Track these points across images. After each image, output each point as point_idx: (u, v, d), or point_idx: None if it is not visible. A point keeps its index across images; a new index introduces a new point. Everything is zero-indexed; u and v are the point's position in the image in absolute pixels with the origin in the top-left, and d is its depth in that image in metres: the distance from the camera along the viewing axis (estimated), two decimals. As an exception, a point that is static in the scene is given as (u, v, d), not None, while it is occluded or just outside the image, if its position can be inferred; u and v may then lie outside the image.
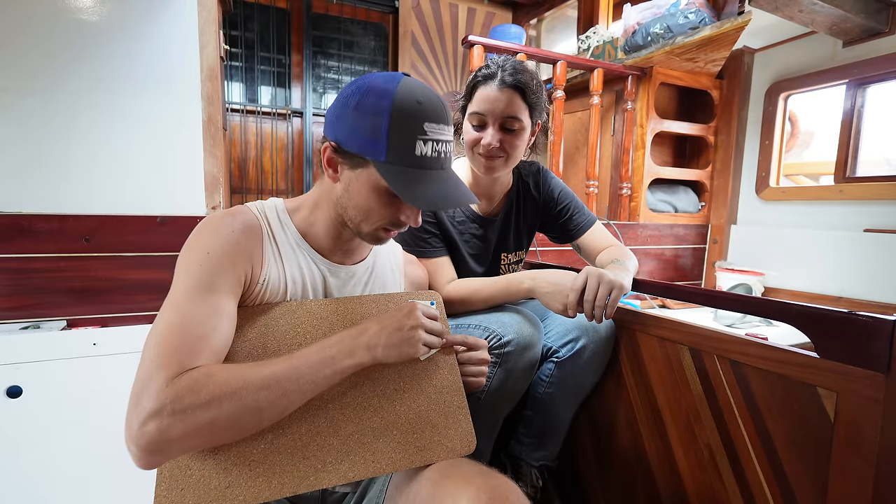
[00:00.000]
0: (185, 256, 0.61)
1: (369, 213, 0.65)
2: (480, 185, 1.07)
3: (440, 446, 0.65)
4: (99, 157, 1.33)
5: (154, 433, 0.48)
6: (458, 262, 1.07)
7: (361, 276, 0.77)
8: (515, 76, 0.93)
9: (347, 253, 0.75)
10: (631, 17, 2.10)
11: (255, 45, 2.90)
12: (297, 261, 0.70)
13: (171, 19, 1.38)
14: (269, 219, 0.69)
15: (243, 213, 0.67)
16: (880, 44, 1.78)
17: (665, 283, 1.02)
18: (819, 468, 0.65)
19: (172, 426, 0.48)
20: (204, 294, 0.57)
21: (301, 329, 0.67)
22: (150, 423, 0.48)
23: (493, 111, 0.94)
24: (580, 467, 1.14)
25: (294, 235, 0.70)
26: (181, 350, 0.52)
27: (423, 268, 0.93)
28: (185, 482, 0.53)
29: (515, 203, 1.13)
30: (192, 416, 0.49)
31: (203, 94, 1.43)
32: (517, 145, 0.97)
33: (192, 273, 0.58)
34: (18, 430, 1.08)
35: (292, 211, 0.72)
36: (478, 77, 0.97)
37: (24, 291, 1.21)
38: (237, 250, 0.62)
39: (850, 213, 1.89)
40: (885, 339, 0.57)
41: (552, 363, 1.00)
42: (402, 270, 0.86)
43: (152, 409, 0.48)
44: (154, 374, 0.50)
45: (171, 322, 0.55)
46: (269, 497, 0.56)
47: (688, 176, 2.34)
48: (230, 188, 2.83)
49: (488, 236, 1.11)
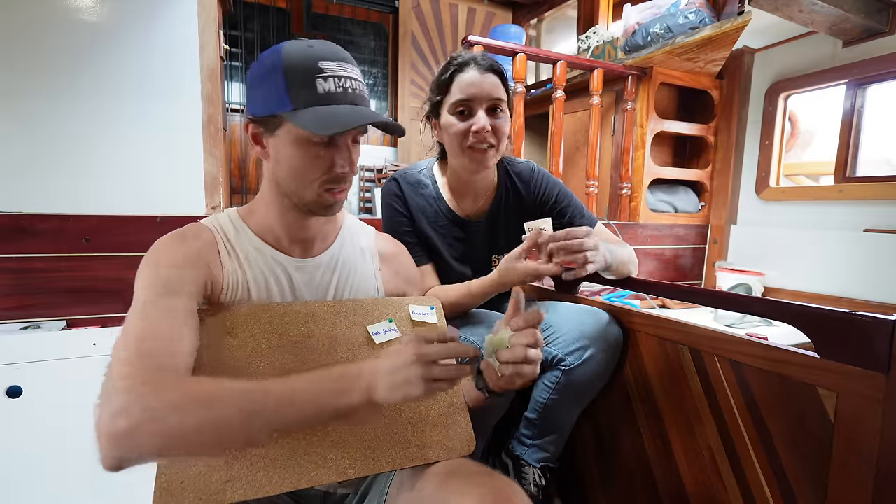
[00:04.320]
0: (142, 274, 0.61)
1: (302, 173, 0.64)
2: (464, 184, 1.04)
3: (440, 446, 0.66)
4: (99, 157, 1.33)
5: (124, 429, 0.46)
6: (442, 266, 1.06)
7: (329, 265, 0.76)
8: (490, 61, 0.93)
9: (308, 243, 0.74)
10: (631, 17, 2.10)
11: (255, 45, 2.90)
12: (259, 264, 0.69)
13: (171, 20, 1.38)
14: (223, 228, 0.69)
15: (195, 228, 0.68)
16: (880, 44, 1.78)
17: (665, 283, 1.02)
18: (819, 468, 0.65)
19: (142, 425, 0.46)
20: (164, 299, 0.57)
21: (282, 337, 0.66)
22: (120, 418, 0.46)
23: (479, 95, 0.91)
24: (580, 467, 1.14)
25: (251, 239, 0.70)
26: (152, 356, 0.51)
27: (399, 245, 0.89)
28: (185, 476, 0.53)
29: (505, 201, 1.09)
30: (163, 418, 0.47)
31: (203, 95, 1.43)
32: (505, 129, 0.95)
33: (150, 286, 0.58)
34: (18, 430, 1.07)
35: (246, 215, 0.72)
36: (452, 66, 0.95)
37: (24, 291, 1.22)
38: (193, 261, 0.63)
39: (850, 213, 1.89)
40: (885, 339, 0.57)
41: (559, 370, 0.99)
42: (374, 250, 0.83)
43: (123, 405, 0.46)
44: (123, 374, 0.49)
45: (136, 328, 0.54)
46: (270, 491, 0.56)
47: (688, 176, 2.34)
48: (230, 188, 2.83)
49: (473, 238, 1.08)
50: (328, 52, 0.61)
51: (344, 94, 0.62)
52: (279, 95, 0.60)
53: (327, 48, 0.62)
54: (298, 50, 0.61)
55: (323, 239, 0.76)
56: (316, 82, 0.60)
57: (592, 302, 1.08)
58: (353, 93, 0.63)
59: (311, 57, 0.60)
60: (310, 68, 0.60)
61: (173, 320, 0.56)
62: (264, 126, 0.64)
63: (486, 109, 0.93)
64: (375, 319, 0.73)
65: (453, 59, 0.96)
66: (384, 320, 0.73)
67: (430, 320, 0.77)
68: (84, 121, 1.31)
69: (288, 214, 0.70)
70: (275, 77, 0.60)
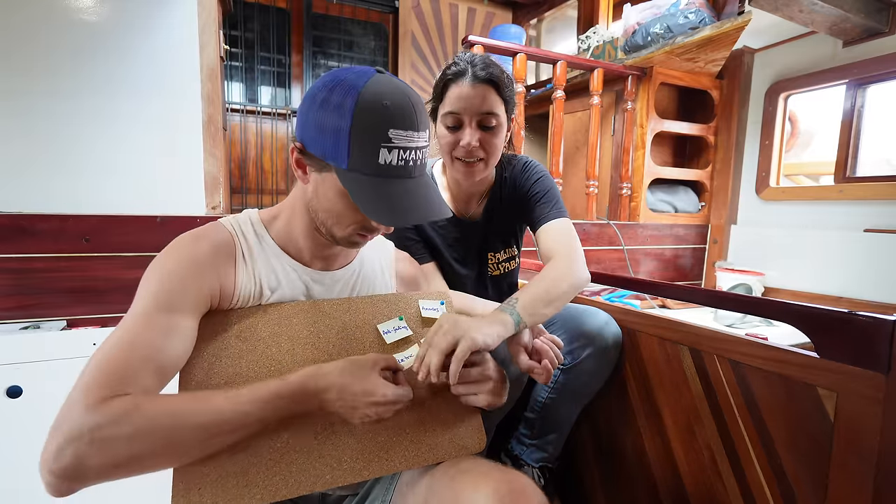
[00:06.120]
0: (147, 275, 0.59)
1: (339, 218, 0.61)
2: (461, 188, 1.03)
3: (452, 444, 0.66)
4: (99, 157, 1.33)
5: (70, 460, 0.45)
6: (443, 266, 1.06)
7: (348, 281, 0.74)
8: (487, 70, 0.89)
9: (330, 258, 0.72)
10: (631, 17, 2.10)
11: (255, 45, 2.91)
12: (276, 273, 0.67)
13: (171, 20, 1.38)
14: (244, 233, 0.67)
15: (214, 230, 0.65)
16: (880, 44, 1.78)
17: (665, 283, 1.02)
18: (819, 468, 0.65)
19: (89, 455, 0.45)
20: (160, 313, 0.55)
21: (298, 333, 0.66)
22: (67, 448, 0.45)
23: (468, 108, 0.89)
24: (580, 467, 1.14)
25: (271, 247, 0.68)
26: (116, 372, 0.50)
27: (415, 264, 0.90)
28: (202, 481, 0.53)
29: (499, 201, 1.08)
30: (112, 448, 0.46)
31: (203, 94, 1.43)
32: (496, 144, 0.92)
33: (150, 292, 0.57)
34: (18, 430, 1.07)
35: (269, 221, 0.69)
36: (447, 75, 0.92)
37: (24, 291, 1.22)
38: (202, 269, 0.60)
39: (850, 213, 1.89)
40: (885, 339, 0.57)
41: (558, 370, 0.99)
42: (392, 270, 0.83)
43: (70, 434, 0.45)
44: (81, 396, 0.48)
45: (120, 340, 0.53)
46: (287, 495, 0.56)
47: (688, 176, 2.34)
48: (230, 188, 2.83)
49: (471, 239, 1.08)
50: (401, 119, 0.56)
51: (404, 168, 0.58)
52: (337, 149, 0.56)
53: (403, 111, 0.56)
54: (373, 108, 0.55)
55: (345, 256, 0.74)
56: (380, 152, 0.55)
57: (592, 302, 1.08)
58: (412, 166, 0.58)
59: (384, 121, 0.55)
60: (378, 136, 0.55)
61: (158, 335, 0.54)
62: (312, 161, 0.60)
63: (477, 123, 0.90)
64: (385, 317, 0.72)
65: (449, 68, 0.93)
66: (394, 318, 0.73)
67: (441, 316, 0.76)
68: (84, 120, 1.31)
69: (314, 233, 0.67)
70: (340, 122, 0.55)
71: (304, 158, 0.60)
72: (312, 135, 0.58)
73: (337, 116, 0.55)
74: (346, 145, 0.55)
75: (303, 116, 0.59)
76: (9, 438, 1.07)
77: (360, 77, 0.56)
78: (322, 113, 0.56)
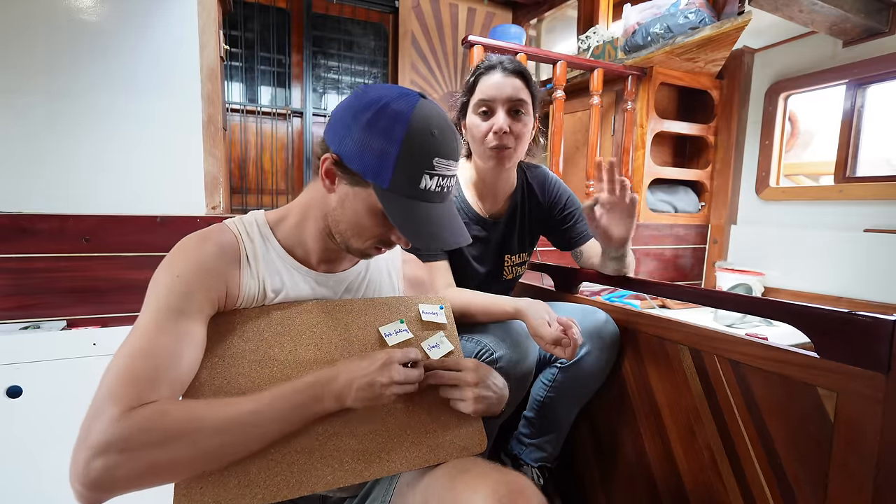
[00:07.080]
0: (156, 280, 0.59)
1: (361, 232, 0.63)
2: (486, 185, 1.07)
3: (453, 445, 0.66)
4: (99, 157, 1.33)
5: (100, 471, 0.45)
6: (461, 263, 1.06)
7: (353, 283, 0.75)
8: (516, 65, 0.98)
9: (336, 262, 0.73)
10: (631, 17, 2.10)
11: (255, 45, 2.90)
12: (281, 276, 0.67)
13: (171, 20, 1.38)
14: (249, 234, 0.67)
15: (220, 233, 0.65)
16: (880, 44, 1.78)
17: (665, 283, 1.02)
18: (819, 468, 0.65)
19: (120, 465, 0.46)
20: (172, 319, 0.56)
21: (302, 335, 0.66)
22: (96, 459, 0.46)
23: (499, 96, 0.96)
24: (580, 467, 1.14)
25: (277, 249, 0.68)
26: (139, 380, 0.51)
27: (422, 266, 0.91)
28: (204, 481, 0.53)
29: (521, 204, 1.12)
30: (143, 456, 0.47)
31: (203, 94, 1.43)
32: (524, 133, 0.98)
33: (161, 297, 0.57)
34: (18, 430, 1.07)
35: (275, 223, 0.69)
36: (480, 69, 1.00)
37: (24, 291, 1.22)
38: (209, 273, 0.60)
39: (850, 213, 1.89)
40: (885, 339, 0.57)
41: (556, 368, 1.00)
42: (399, 273, 0.83)
43: (100, 444, 0.46)
44: (106, 406, 0.48)
45: (135, 348, 0.53)
46: (288, 495, 0.56)
47: (688, 176, 2.34)
48: (230, 188, 2.83)
49: (492, 238, 1.10)
50: (445, 148, 0.59)
51: (439, 194, 0.60)
52: (380, 169, 0.57)
53: (447, 140, 0.59)
54: (423, 136, 0.57)
55: (351, 258, 0.75)
56: (422, 177, 0.58)
57: (592, 302, 1.08)
58: (446, 192, 0.62)
59: (431, 150, 0.57)
60: (424, 163, 0.57)
61: (174, 342, 0.55)
62: (347, 174, 0.60)
63: (508, 111, 0.96)
64: (386, 319, 0.73)
65: (481, 63, 1.01)
66: (395, 320, 0.73)
67: (440, 320, 0.77)
68: (84, 121, 1.31)
69: (326, 240, 0.68)
70: (388, 146, 0.56)
71: (338, 170, 0.61)
72: (354, 151, 0.58)
73: (385, 140, 0.56)
74: (390, 168, 0.56)
75: (342, 130, 0.59)
76: (9, 438, 1.07)
77: (406, 102, 0.58)
78: (367, 134, 0.57)
